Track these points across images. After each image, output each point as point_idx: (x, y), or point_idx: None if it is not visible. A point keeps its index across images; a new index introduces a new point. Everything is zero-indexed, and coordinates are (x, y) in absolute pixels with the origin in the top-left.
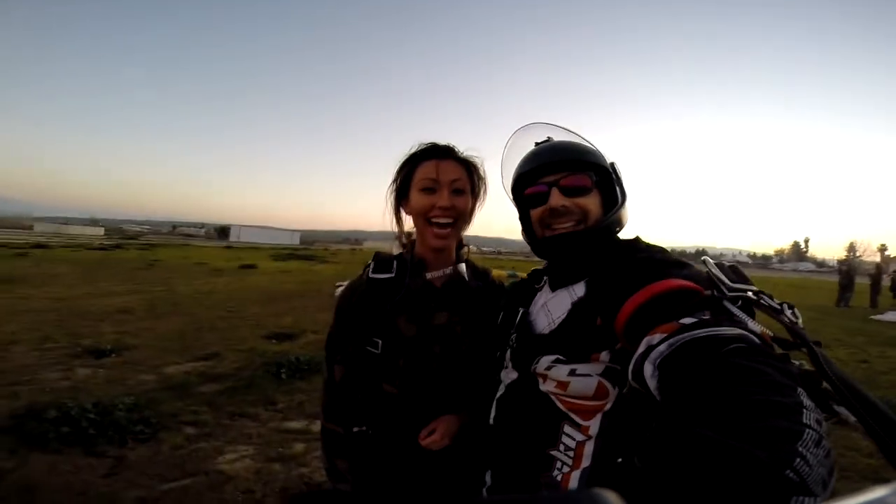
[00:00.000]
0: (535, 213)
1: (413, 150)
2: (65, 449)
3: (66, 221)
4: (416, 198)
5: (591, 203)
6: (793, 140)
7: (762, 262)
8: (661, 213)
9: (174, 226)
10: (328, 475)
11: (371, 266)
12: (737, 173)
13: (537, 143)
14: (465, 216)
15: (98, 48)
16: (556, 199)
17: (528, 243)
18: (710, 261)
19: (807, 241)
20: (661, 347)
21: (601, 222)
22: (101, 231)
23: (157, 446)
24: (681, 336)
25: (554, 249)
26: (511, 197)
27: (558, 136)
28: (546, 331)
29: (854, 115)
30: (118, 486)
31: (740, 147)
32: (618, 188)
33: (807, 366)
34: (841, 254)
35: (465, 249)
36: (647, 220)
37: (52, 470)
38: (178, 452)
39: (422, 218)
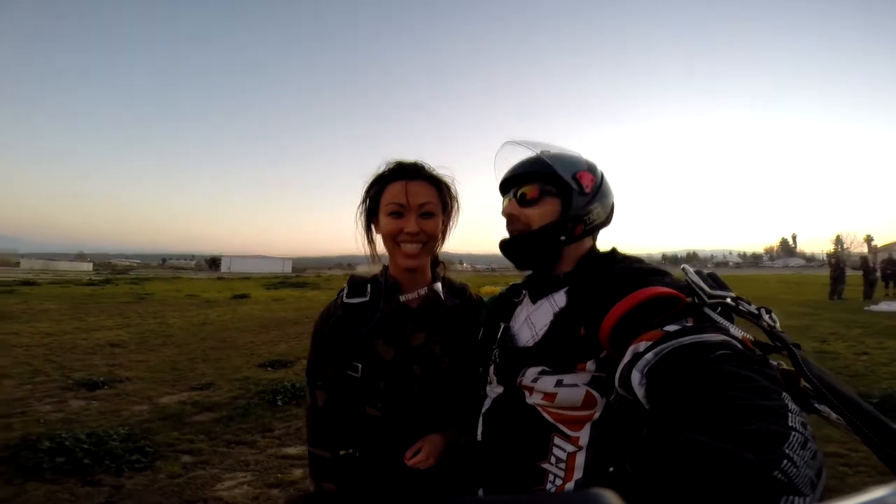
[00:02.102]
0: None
1: (380, 171)
2: (61, 478)
3: (54, 257)
4: (385, 221)
5: (537, 213)
6: (774, 137)
7: (753, 260)
8: (650, 218)
9: (164, 259)
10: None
11: (345, 291)
12: (721, 174)
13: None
14: (435, 238)
15: (84, 80)
16: (505, 206)
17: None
18: (690, 269)
19: (794, 238)
20: (648, 356)
21: (545, 227)
22: (89, 266)
23: (153, 475)
24: (667, 344)
25: (504, 251)
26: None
27: (527, 152)
28: (530, 343)
29: (833, 110)
30: None
31: (723, 148)
32: (580, 198)
33: (784, 366)
34: (829, 247)
35: (441, 267)
36: (636, 225)
37: (50, 498)
38: (175, 481)
39: (390, 241)
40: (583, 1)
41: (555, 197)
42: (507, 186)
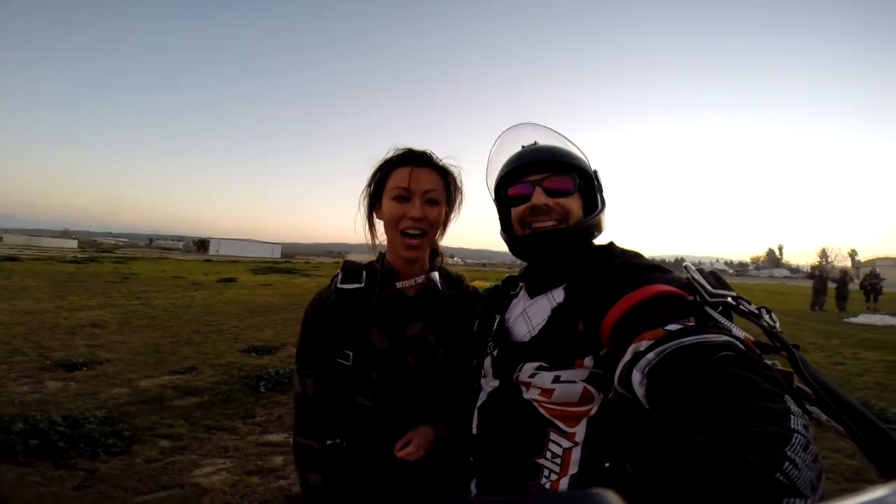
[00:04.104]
0: (517, 211)
1: (388, 155)
2: (34, 461)
3: (38, 233)
4: (388, 206)
5: (573, 204)
6: (763, 148)
7: (740, 269)
8: (639, 222)
9: (151, 239)
10: (302, 489)
11: (339, 276)
12: (711, 182)
13: (524, 146)
14: (437, 226)
15: (71, 52)
16: (539, 197)
17: (506, 242)
18: (692, 266)
19: (780, 248)
20: (650, 356)
21: (581, 224)
22: (74, 243)
23: (130, 459)
24: (669, 344)
25: (532, 247)
26: (493, 196)
27: (545, 138)
28: (526, 338)
29: (823, 121)
30: (90, 498)
31: (713, 155)
32: (598, 194)
33: (780, 366)
34: (814, 259)
35: (440, 258)
36: (625, 228)
37: (21, 482)
38: (152, 465)
39: (393, 227)
40: (580, 3)
41: (579, 192)
42: (526, 171)
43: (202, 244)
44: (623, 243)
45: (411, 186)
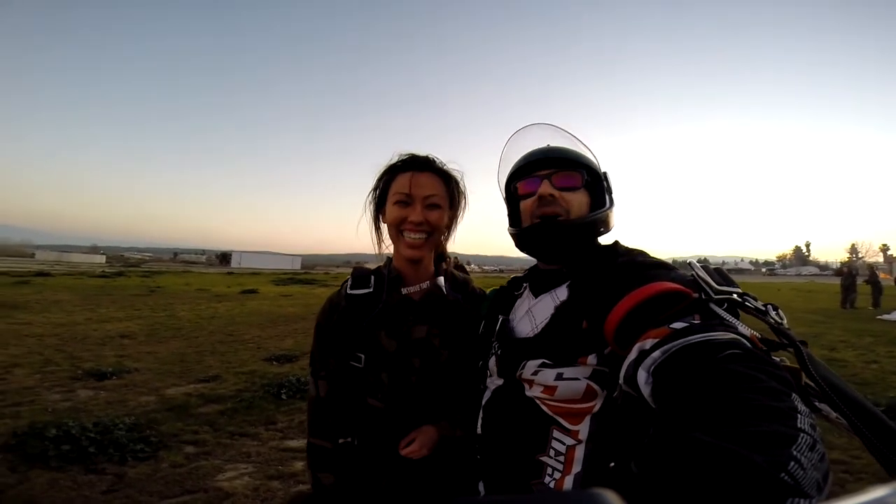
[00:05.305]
0: (526, 204)
1: (392, 161)
2: (65, 466)
3: (68, 249)
4: (391, 210)
5: (577, 200)
6: (789, 144)
7: (770, 267)
8: (661, 222)
9: (175, 253)
10: (313, 490)
11: (349, 282)
12: (734, 180)
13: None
14: (439, 229)
15: (98, 72)
16: (545, 187)
17: (513, 236)
18: (696, 264)
19: (808, 246)
20: (655, 354)
21: (585, 217)
22: (102, 259)
23: (156, 464)
24: (674, 342)
25: (536, 235)
26: (503, 193)
27: (557, 138)
28: (530, 335)
29: (849, 116)
30: (118, 502)
31: (737, 154)
32: (607, 194)
33: (788, 362)
34: (843, 256)
35: (445, 263)
36: (646, 229)
37: (53, 486)
38: (177, 470)
39: (395, 230)
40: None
41: (586, 190)
42: (536, 167)
43: (224, 257)
44: (645, 243)
45: (412, 192)
